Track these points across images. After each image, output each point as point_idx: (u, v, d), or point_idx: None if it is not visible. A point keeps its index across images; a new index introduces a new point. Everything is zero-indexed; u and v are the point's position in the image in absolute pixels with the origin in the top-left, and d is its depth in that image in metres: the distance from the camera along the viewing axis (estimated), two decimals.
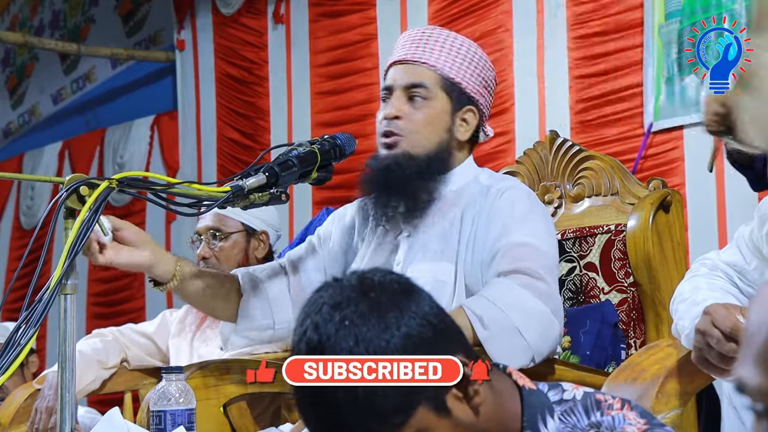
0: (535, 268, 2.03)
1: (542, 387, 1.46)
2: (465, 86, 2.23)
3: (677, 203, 2.38)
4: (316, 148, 2.14)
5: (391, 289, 1.34)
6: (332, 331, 1.30)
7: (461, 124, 2.24)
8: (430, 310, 1.34)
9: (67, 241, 1.72)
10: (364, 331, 1.29)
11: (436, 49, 2.24)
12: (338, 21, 5.12)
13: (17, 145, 7.41)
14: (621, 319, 2.38)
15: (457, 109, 2.23)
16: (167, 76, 6.20)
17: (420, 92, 2.21)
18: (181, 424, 2.07)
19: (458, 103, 2.23)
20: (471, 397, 1.34)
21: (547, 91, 4.22)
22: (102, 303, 6.37)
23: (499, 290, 2.01)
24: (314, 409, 1.32)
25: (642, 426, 1.39)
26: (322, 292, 1.35)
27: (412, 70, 2.23)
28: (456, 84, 2.22)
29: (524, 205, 2.16)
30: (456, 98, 2.22)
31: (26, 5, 7.41)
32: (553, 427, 1.41)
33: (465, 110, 2.24)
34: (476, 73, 2.25)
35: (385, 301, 1.32)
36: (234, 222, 3.13)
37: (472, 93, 2.24)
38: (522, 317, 1.96)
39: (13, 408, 2.94)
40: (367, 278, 1.35)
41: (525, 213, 2.14)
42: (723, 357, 1.64)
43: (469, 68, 2.24)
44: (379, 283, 1.34)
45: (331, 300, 1.32)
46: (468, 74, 2.24)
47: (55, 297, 1.69)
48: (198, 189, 1.94)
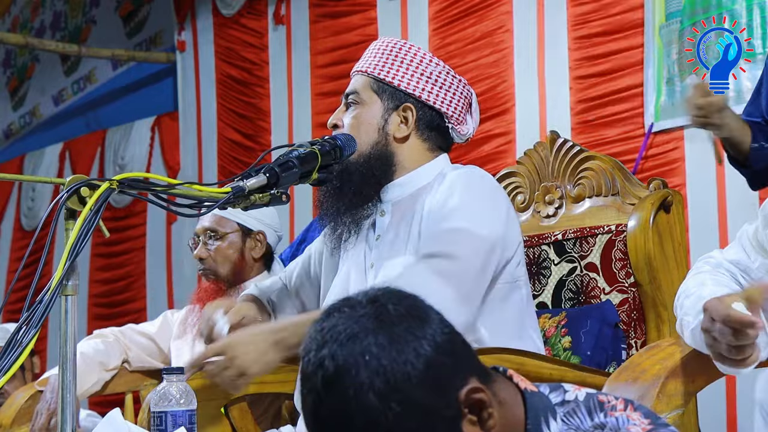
0: (454, 250, 2.05)
1: (543, 389, 1.46)
2: (398, 84, 2.27)
3: (678, 203, 2.38)
4: (316, 149, 2.14)
5: (407, 316, 1.33)
6: (351, 362, 1.28)
7: (401, 123, 2.28)
8: (443, 335, 1.33)
9: (68, 242, 1.71)
10: (385, 364, 1.28)
11: (370, 56, 2.32)
12: (339, 22, 5.12)
13: (18, 146, 7.42)
14: (622, 319, 2.38)
15: (393, 108, 2.27)
16: (168, 77, 6.20)
17: (353, 98, 2.30)
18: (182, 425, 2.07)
19: (392, 103, 2.28)
20: (485, 420, 1.34)
21: (548, 92, 4.21)
22: (103, 304, 6.37)
23: (401, 274, 2.05)
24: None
25: (646, 426, 1.39)
26: (335, 318, 1.33)
27: (352, 80, 2.33)
28: (387, 84, 2.27)
29: (464, 187, 2.18)
30: (389, 98, 2.28)
31: (27, 7, 7.41)
32: (556, 429, 1.41)
33: (403, 108, 2.28)
34: (412, 70, 2.28)
35: (403, 332, 1.30)
36: (230, 222, 3.15)
37: (408, 90, 2.27)
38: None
39: (13, 409, 2.94)
40: (380, 305, 1.33)
41: (463, 195, 2.16)
42: (732, 348, 1.64)
43: (401, 66, 2.28)
44: (394, 311, 1.32)
45: (349, 329, 1.30)
46: (401, 72, 2.28)
47: (56, 298, 1.69)
48: (199, 190, 1.94)
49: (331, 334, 1.31)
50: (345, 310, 1.34)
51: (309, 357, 1.33)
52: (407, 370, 1.28)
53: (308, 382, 1.32)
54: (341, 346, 1.30)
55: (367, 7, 4.98)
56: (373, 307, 1.33)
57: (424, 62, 2.29)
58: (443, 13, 4.60)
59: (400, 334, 1.30)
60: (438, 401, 1.30)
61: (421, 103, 2.28)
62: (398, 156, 2.28)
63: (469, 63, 4.43)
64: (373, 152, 2.26)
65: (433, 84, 2.28)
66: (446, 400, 1.31)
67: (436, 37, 4.61)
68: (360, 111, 2.28)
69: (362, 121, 2.28)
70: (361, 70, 2.32)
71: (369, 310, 1.33)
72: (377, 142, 2.27)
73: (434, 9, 4.65)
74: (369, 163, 2.25)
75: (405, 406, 1.28)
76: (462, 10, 4.52)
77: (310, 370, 1.32)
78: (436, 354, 1.31)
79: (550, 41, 4.20)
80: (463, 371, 1.34)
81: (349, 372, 1.28)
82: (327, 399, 1.29)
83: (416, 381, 1.28)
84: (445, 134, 2.32)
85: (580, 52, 4.11)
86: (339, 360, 1.29)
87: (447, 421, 1.31)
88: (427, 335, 1.32)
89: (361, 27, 4.98)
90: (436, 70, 2.29)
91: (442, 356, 1.32)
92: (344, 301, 1.36)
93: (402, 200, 2.27)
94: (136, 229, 6.17)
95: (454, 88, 2.30)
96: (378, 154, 2.26)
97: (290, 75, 5.39)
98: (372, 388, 1.27)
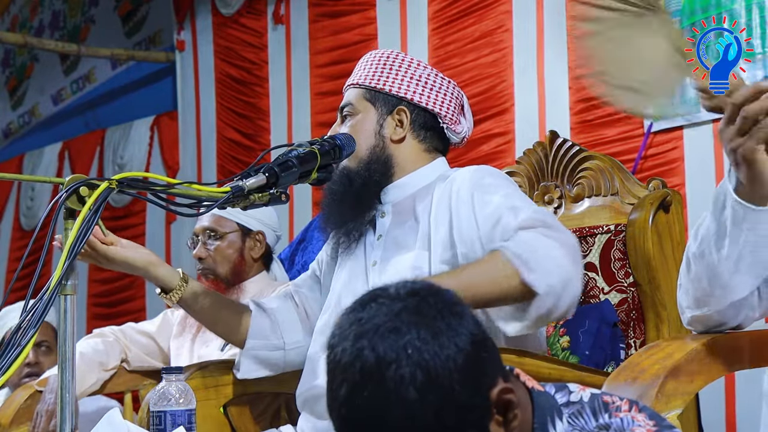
0: (541, 219, 2.05)
1: (549, 388, 1.46)
2: (389, 90, 2.32)
3: (677, 203, 2.38)
4: (315, 149, 2.15)
5: (446, 311, 1.32)
6: (393, 357, 1.27)
7: (397, 125, 2.32)
8: (478, 332, 1.33)
9: (67, 242, 1.72)
10: (427, 359, 1.27)
11: (364, 69, 2.37)
12: (338, 21, 5.12)
13: (17, 145, 7.41)
14: (621, 319, 2.38)
15: (388, 112, 2.33)
16: (167, 76, 6.20)
17: (348, 110, 2.36)
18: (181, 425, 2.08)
19: (386, 107, 2.33)
20: (510, 421, 1.34)
21: (547, 91, 4.21)
22: (102, 304, 6.37)
23: (526, 239, 2.01)
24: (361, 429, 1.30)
25: (651, 428, 1.39)
26: (373, 309, 1.32)
27: (345, 95, 2.39)
28: (378, 91, 2.33)
29: (490, 173, 2.25)
30: (382, 104, 2.33)
31: (26, 6, 7.41)
32: (561, 430, 1.41)
33: (397, 111, 2.33)
34: (401, 74, 2.33)
35: (444, 326, 1.30)
36: (230, 222, 3.15)
37: (399, 93, 2.32)
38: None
39: (12, 409, 2.94)
40: (420, 299, 1.33)
41: (497, 179, 2.22)
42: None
43: (391, 72, 2.34)
44: (434, 305, 1.32)
45: (390, 323, 1.29)
46: (390, 78, 2.33)
47: (55, 298, 1.69)
48: (198, 189, 1.95)
49: (370, 325, 1.30)
50: (383, 302, 1.33)
51: (344, 347, 1.31)
52: (449, 365, 1.28)
53: (343, 372, 1.30)
54: (382, 338, 1.28)
55: (366, 6, 4.97)
56: (413, 300, 1.33)
57: (412, 67, 2.35)
58: (442, 12, 4.60)
59: (441, 328, 1.30)
60: (473, 398, 1.30)
61: (413, 105, 2.33)
62: (396, 158, 2.32)
63: (469, 63, 4.43)
64: (372, 156, 2.30)
65: (424, 86, 2.33)
66: (480, 397, 1.31)
67: (436, 37, 4.61)
68: (355, 120, 2.33)
69: (359, 129, 2.32)
70: (353, 83, 2.37)
71: (409, 303, 1.32)
72: (375, 146, 2.31)
73: (433, 8, 4.65)
74: (369, 168, 2.29)
75: (443, 401, 1.27)
76: (461, 10, 4.52)
77: (347, 360, 1.30)
78: (475, 350, 1.31)
79: (549, 41, 4.20)
80: (494, 370, 1.34)
81: (391, 365, 1.27)
82: (364, 391, 1.28)
83: (456, 376, 1.28)
84: (441, 135, 2.36)
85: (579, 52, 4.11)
86: (380, 351, 1.28)
87: (478, 418, 1.31)
88: (466, 331, 1.32)
89: (360, 26, 4.98)
90: (425, 73, 2.35)
91: (480, 352, 1.32)
92: (380, 291, 1.35)
93: (402, 201, 2.30)
94: (135, 229, 6.17)
95: (444, 89, 2.35)
96: (377, 157, 2.30)
97: (289, 74, 5.39)
98: (413, 381, 1.26)
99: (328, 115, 5.11)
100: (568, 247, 2.01)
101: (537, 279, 1.95)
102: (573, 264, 2.00)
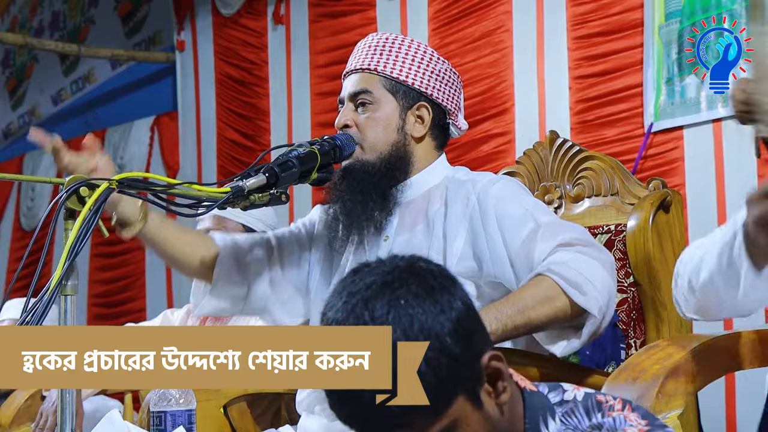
0: (577, 237, 2.06)
1: (542, 388, 1.47)
2: (412, 83, 2.24)
3: (677, 203, 2.38)
4: (315, 149, 2.14)
5: (439, 273, 1.35)
6: (384, 310, 1.29)
7: (417, 122, 2.25)
8: (468, 298, 1.36)
9: (67, 242, 1.71)
10: (419, 312, 1.29)
11: (377, 53, 2.27)
12: (338, 21, 5.12)
13: (17, 146, 7.41)
14: (621, 319, 2.38)
15: (408, 107, 2.25)
16: (167, 76, 6.20)
17: (365, 98, 2.24)
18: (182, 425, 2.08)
19: (407, 102, 2.25)
20: (499, 393, 1.35)
21: (547, 92, 4.21)
22: (103, 304, 6.38)
23: (566, 258, 2.01)
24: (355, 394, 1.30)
25: (643, 427, 1.39)
26: (364, 273, 1.34)
27: (357, 79, 2.28)
28: (401, 83, 2.24)
29: (513, 186, 2.23)
30: (403, 97, 2.24)
31: (26, 6, 7.41)
32: (554, 429, 1.42)
33: (417, 107, 2.25)
34: (423, 67, 2.25)
35: (437, 285, 1.33)
36: (233, 223, 3.14)
37: (421, 88, 2.25)
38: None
39: (13, 409, 2.94)
40: (413, 261, 1.35)
41: (520, 194, 2.20)
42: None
43: (413, 64, 2.25)
44: (427, 267, 1.35)
45: (382, 279, 1.31)
46: (413, 70, 2.25)
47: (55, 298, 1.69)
48: (198, 190, 1.95)
49: (362, 284, 1.32)
50: (375, 266, 1.35)
51: (337, 306, 1.32)
52: (441, 318, 1.30)
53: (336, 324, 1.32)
54: (375, 293, 1.30)
55: (366, 6, 4.98)
56: (405, 261, 1.35)
57: (429, 58, 2.27)
58: (442, 12, 4.60)
59: (434, 285, 1.32)
60: (465, 353, 1.31)
61: (432, 101, 2.26)
62: (414, 155, 2.26)
63: (469, 63, 4.43)
64: (393, 152, 2.23)
65: (440, 81, 2.27)
66: (471, 355, 1.32)
67: (436, 37, 4.61)
68: (375, 110, 2.24)
69: (379, 121, 2.24)
70: (367, 68, 2.27)
71: (401, 263, 1.34)
72: (397, 141, 2.24)
73: (433, 9, 4.65)
74: (390, 164, 2.23)
75: (436, 351, 1.29)
76: (461, 10, 4.52)
77: (340, 317, 1.31)
78: (467, 311, 1.34)
79: (549, 41, 4.20)
80: (483, 338, 1.37)
81: (380, 318, 1.29)
82: None
83: (449, 327, 1.30)
84: (446, 131, 2.32)
85: (579, 52, 4.11)
86: (371, 305, 1.30)
87: (469, 378, 1.32)
88: (458, 294, 1.34)
89: (360, 27, 4.98)
90: (442, 68, 2.28)
91: (471, 313, 1.35)
92: (371, 261, 1.37)
93: (413, 201, 2.25)
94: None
95: (452, 82, 2.30)
96: (399, 154, 2.24)
97: (289, 75, 5.39)
98: (406, 333, 1.28)
99: (328, 115, 5.11)
100: (608, 265, 2.04)
101: (589, 301, 1.98)
102: (613, 281, 2.04)
